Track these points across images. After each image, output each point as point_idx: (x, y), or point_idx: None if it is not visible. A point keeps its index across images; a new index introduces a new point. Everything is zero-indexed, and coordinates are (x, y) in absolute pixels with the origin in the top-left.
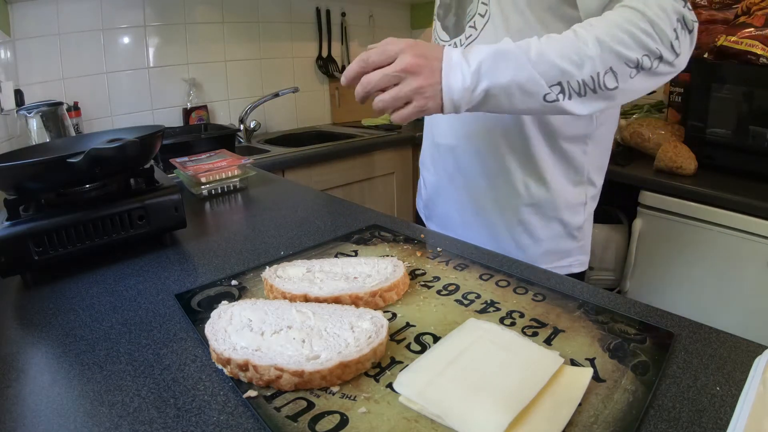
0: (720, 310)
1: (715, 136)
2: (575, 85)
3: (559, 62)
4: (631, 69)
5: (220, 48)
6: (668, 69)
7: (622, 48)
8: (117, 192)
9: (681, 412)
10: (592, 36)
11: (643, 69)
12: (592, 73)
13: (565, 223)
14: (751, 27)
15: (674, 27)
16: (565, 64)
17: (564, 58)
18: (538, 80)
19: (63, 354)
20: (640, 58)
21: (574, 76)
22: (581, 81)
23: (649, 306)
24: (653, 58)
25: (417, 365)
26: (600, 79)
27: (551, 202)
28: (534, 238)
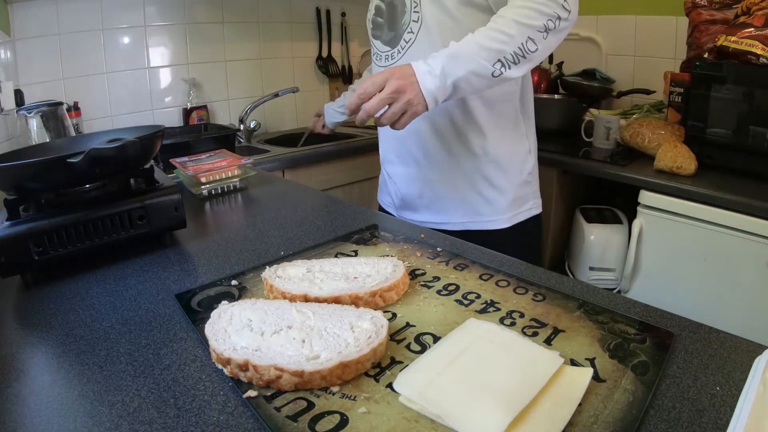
0: (720, 310)
1: (715, 136)
2: (510, 57)
3: (493, 46)
4: (543, 33)
5: (220, 48)
6: (566, 24)
7: (532, 20)
8: (117, 192)
9: (681, 412)
10: (509, 20)
11: (550, 30)
12: (518, 44)
13: (520, 170)
14: (751, 27)
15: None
16: (498, 45)
17: (495, 41)
18: (484, 65)
19: (63, 354)
20: (545, 23)
21: (506, 51)
22: (513, 53)
23: (649, 306)
24: (554, 20)
25: (417, 365)
26: (525, 47)
27: (505, 155)
28: (499, 190)
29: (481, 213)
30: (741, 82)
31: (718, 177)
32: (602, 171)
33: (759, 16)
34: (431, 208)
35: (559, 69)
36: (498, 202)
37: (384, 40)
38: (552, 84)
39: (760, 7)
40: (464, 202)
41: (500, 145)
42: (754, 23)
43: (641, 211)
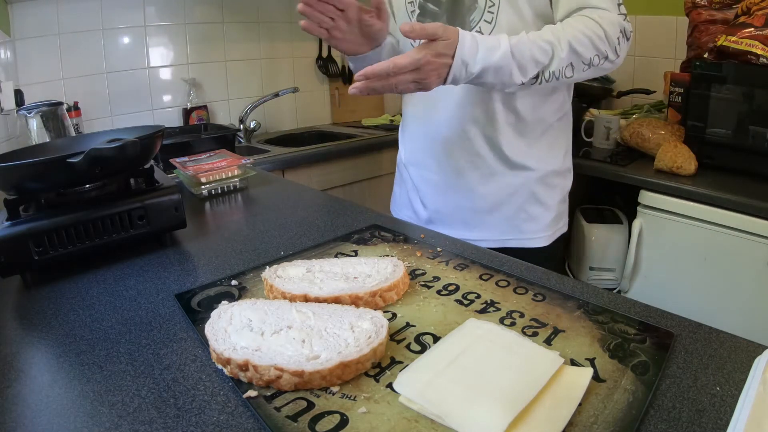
0: (720, 310)
1: (715, 136)
2: (546, 76)
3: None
4: (585, 65)
5: (220, 48)
6: (609, 65)
7: (583, 50)
8: (117, 192)
9: (681, 412)
10: (565, 40)
11: (593, 65)
12: (560, 67)
13: (562, 187)
14: (751, 27)
15: (618, 36)
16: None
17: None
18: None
19: (63, 354)
20: (592, 57)
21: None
22: (551, 72)
23: (649, 306)
24: (601, 58)
25: (417, 365)
26: (563, 71)
27: (553, 171)
28: (545, 207)
29: (523, 230)
30: (741, 82)
31: (718, 177)
32: (602, 171)
33: (759, 16)
34: (468, 223)
35: None
36: (542, 220)
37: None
38: None
39: (760, 7)
40: (507, 218)
41: (551, 161)
42: (754, 23)
43: (641, 211)
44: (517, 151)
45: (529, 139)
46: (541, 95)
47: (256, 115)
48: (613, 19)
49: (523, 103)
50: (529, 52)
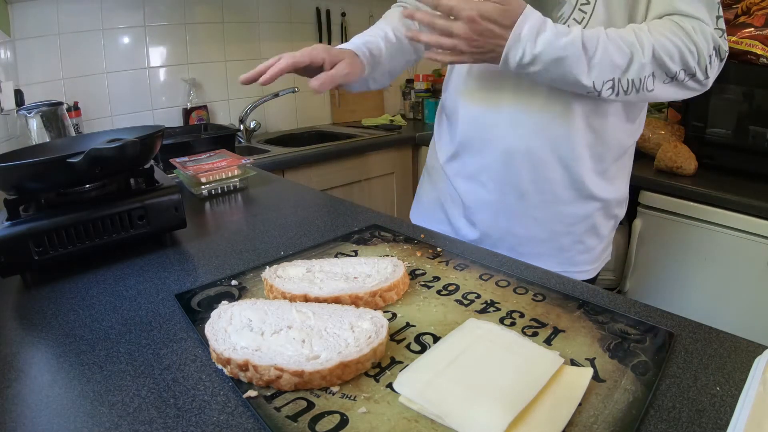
0: (720, 310)
1: (715, 136)
2: (624, 85)
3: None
4: (668, 77)
5: (220, 48)
6: (696, 86)
7: (668, 59)
8: (117, 192)
9: (681, 412)
10: (648, 44)
11: (677, 80)
12: (639, 76)
13: (617, 217)
14: (751, 27)
15: (710, 53)
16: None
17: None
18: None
19: (63, 354)
20: (678, 71)
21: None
22: (628, 80)
23: (649, 306)
24: (687, 74)
25: (417, 365)
26: (643, 83)
27: (615, 200)
28: (600, 237)
29: (575, 263)
30: (741, 82)
31: (718, 177)
32: None
33: (759, 16)
34: (516, 249)
35: None
36: (594, 252)
37: None
38: None
39: (760, 7)
40: (561, 249)
41: (614, 190)
42: (754, 23)
43: (641, 211)
44: (590, 178)
45: (604, 165)
46: (625, 113)
47: (256, 115)
48: (707, 33)
49: (607, 123)
50: (603, 49)
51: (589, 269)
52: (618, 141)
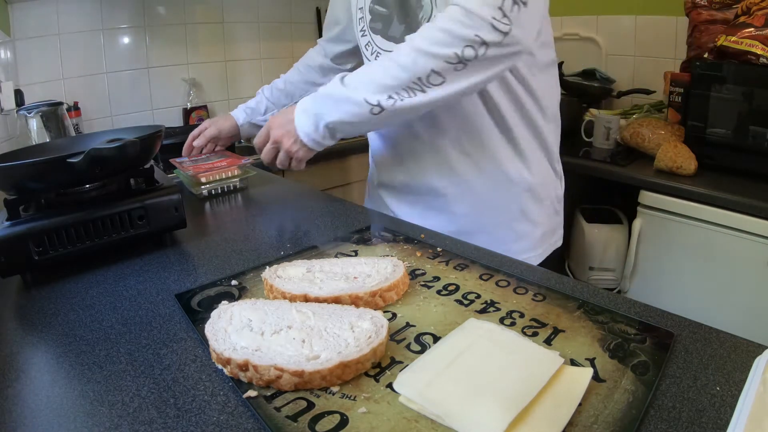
0: (720, 310)
1: (715, 136)
2: (404, 92)
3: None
4: (455, 64)
5: (220, 48)
6: (501, 51)
7: (436, 47)
8: (117, 192)
9: (681, 412)
10: (411, 47)
11: (468, 61)
12: (413, 79)
13: (552, 199)
14: (751, 27)
15: (498, 5)
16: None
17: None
18: (359, 102)
19: (63, 354)
20: (460, 52)
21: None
22: (408, 86)
23: (649, 306)
24: (476, 46)
25: (417, 365)
26: (425, 80)
27: (541, 182)
28: (533, 223)
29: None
30: (741, 82)
31: (718, 177)
32: (602, 171)
33: (759, 16)
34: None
35: (559, 69)
36: (530, 237)
37: (389, 35)
38: None
39: (760, 7)
40: (492, 237)
41: (537, 170)
42: (754, 23)
43: (641, 211)
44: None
45: (515, 142)
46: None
47: None
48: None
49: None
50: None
51: (526, 258)
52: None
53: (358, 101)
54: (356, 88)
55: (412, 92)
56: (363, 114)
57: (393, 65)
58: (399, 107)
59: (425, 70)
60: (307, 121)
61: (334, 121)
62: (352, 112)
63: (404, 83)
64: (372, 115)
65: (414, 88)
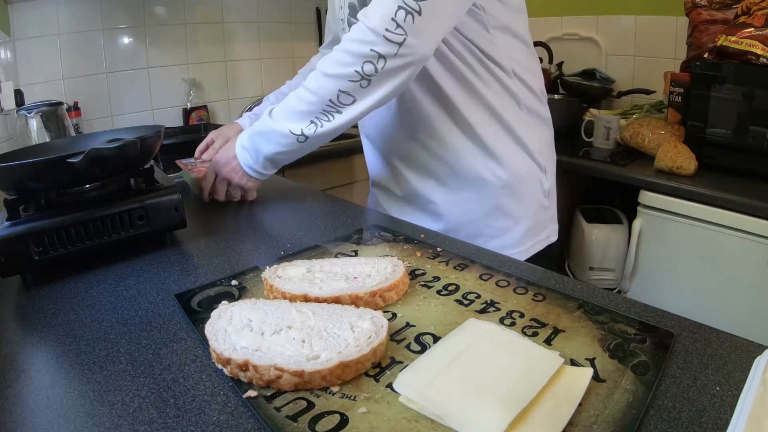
0: (720, 310)
1: (715, 136)
2: (322, 116)
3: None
4: (359, 81)
5: (220, 48)
6: (399, 62)
7: (338, 68)
8: (117, 192)
9: (681, 412)
10: (318, 72)
11: (370, 76)
12: (325, 102)
13: (536, 194)
14: (751, 27)
15: (391, 17)
16: (306, 107)
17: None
18: (286, 134)
19: (63, 354)
20: (360, 69)
21: (314, 112)
22: (322, 112)
23: (649, 306)
24: (376, 60)
25: (417, 365)
26: (336, 102)
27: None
28: (513, 219)
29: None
30: (741, 82)
31: (718, 177)
32: (602, 171)
33: (759, 16)
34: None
35: (559, 69)
36: (511, 234)
37: None
38: (552, 84)
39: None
40: (470, 236)
41: (513, 165)
42: (754, 23)
43: (641, 211)
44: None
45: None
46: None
47: None
48: (378, 9)
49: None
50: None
51: (513, 252)
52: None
53: (284, 133)
54: (280, 121)
55: (329, 115)
56: (292, 143)
57: (305, 93)
58: (321, 132)
59: (333, 92)
60: (247, 156)
61: (271, 153)
62: (283, 143)
63: (318, 108)
64: (299, 143)
65: (329, 111)
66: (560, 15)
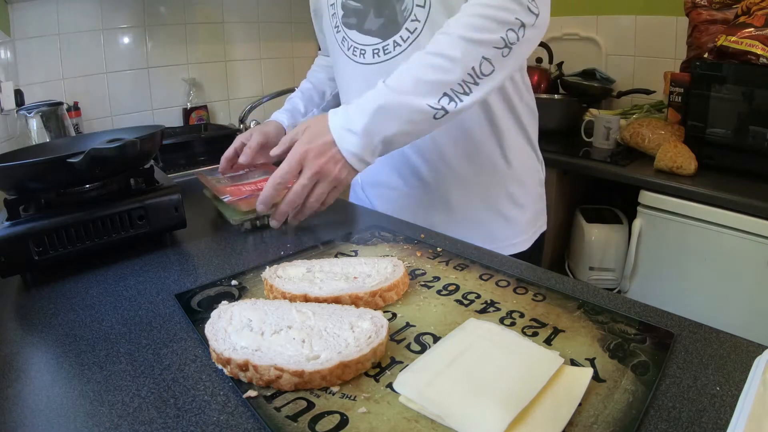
0: (720, 310)
1: (715, 136)
2: (458, 88)
3: (434, 77)
4: (501, 49)
5: (220, 48)
6: (534, 32)
7: (485, 34)
8: (117, 192)
9: (681, 412)
10: (455, 36)
11: (512, 44)
12: (467, 70)
13: (535, 183)
14: (751, 27)
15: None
16: (440, 76)
17: (437, 71)
18: (421, 108)
19: (63, 354)
20: (505, 36)
21: (452, 82)
22: (461, 82)
23: (649, 306)
24: (517, 29)
25: (417, 365)
26: (478, 71)
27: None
28: (520, 207)
29: (499, 237)
30: (741, 82)
31: (718, 177)
32: (602, 171)
33: (759, 16)
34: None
35: (559, 69)
36: (519, 222)
37: (367, 30)
38: (552, 84)
39: (760, 7)
40: (480, 224)
41: (520, 154)
42: (754, 23)
43: (641, 211)
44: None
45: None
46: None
47: (256, 115)
48: None
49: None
50: (411, 76)
51: (516, 242)
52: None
53: (419, 108)
54: (408, 94)
55: (466, 86)
56: (426, 120)
57: (439, 60)
58: (460, 108)
59: (477, 58)
60: (354, 140)
61: (394, 133)
62: (415, 119)
63: (458, 77)
64: (435, 120)
65: (467, 82)
66: (560, 15)
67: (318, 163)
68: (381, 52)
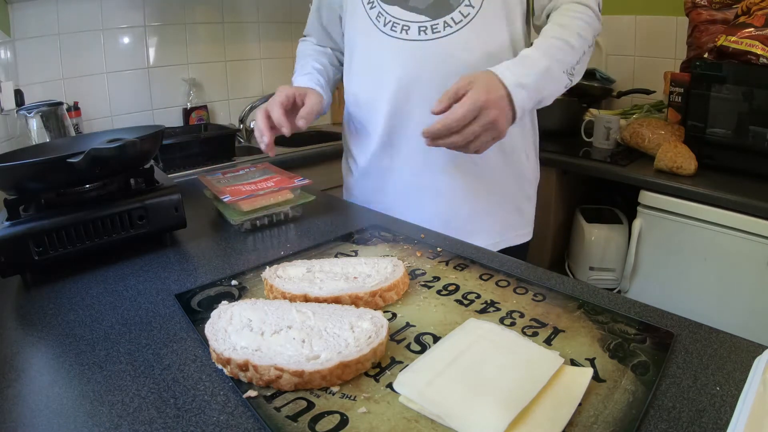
0: (720, 310)
1: (715, 136)
2: (571, 71)
3: (567, 59)
4: (591, 48)
5: (220, 48)
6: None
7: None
8: (117, 192)
9: (681, 412)
10: (573, 31)
11: (591, 47)
12: (577, 58)
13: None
14: (751, 27)
15: (599, 3)
16: (569, 58)
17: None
18: (563, 79)
19: (63, 354)
20: (593, 39)
21: (572, 64)
22: (574, 65)
23: (649, 306)
24: (595, 34)
25: (417, 365)
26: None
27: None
28: (531, 202)
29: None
30: (741, 82)
31: (718, 177)
32: (602, 171)
33: (759, 16)
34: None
35: None
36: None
37: (412, 6)
38: None
39: (760, 7)
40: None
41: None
42: (754, 23)
43: (641, 211)
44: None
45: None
46: None
47: None
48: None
49: None
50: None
51: (525, 232)
52: None
53: (563, 79)
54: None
55: (573, 71)
56: (560, 90)
57: (567, 47)
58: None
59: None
60: (526, 97)
61: (550, 94)
62: (564, 83)
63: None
64: (564, 88)
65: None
66: None
67: (493, 114)
68: (429, 30)
